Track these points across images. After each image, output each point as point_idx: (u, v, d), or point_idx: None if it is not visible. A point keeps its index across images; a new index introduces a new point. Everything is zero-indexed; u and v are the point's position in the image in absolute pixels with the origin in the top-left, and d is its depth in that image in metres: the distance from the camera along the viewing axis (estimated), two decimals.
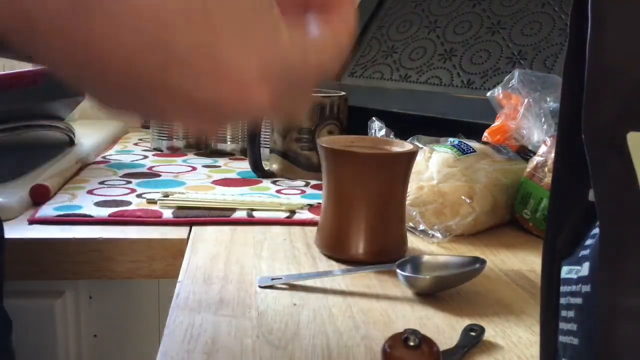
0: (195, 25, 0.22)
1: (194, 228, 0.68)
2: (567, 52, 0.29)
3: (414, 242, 0.65)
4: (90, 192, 0.79)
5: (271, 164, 0.93)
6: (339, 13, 0.27)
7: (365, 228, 0.58)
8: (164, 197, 0.75)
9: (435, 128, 0.89)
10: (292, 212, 0.73)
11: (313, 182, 0.88)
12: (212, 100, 0.24)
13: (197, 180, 0.88)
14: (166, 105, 0.25)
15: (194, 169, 0.96)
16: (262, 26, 0.24)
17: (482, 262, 0.53)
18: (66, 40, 0.22)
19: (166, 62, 0.22)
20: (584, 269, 0.27)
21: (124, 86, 0.24)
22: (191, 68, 0.23)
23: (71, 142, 1.00)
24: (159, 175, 0.91)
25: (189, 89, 0.23)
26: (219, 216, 0.71)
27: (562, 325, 0.29)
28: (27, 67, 1.20)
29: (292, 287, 0.52)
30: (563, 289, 0.29)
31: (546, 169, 0.69)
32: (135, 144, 1.16)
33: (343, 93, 0.92)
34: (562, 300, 0.29)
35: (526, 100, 0.79)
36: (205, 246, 0.62)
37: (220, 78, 0.23)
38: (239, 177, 0.92)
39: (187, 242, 0.64)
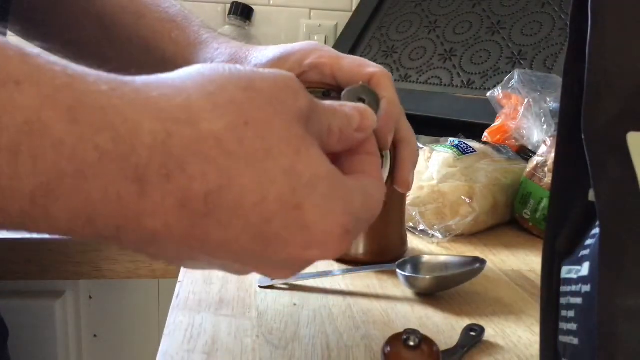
0: (288, 210, 0.26)
1: None
2: (567, 52, 0.29)
3: (414, 242, 0.65)
4: None
5: None
6: (369, 152, 0.33)
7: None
8: None
9: (435, 128, 0.89)
10: None
11: None
12: (293, 260, 0.28)
13: None
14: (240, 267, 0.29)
15: None
16: (340, 194, 0.28)
17: (482, 262, 0.53)
18: (179, 243, 0.26)
19: (263, 245, 0.27)
20: (584, 269, 0.27)
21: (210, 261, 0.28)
22: (284, 242, 0.27)
23: None
24: None
25: (275, 257, 0.27)
26: None
27: (562, 325, 0.29)
28: None
29: (292, 287, 0.52)
30: (563, 289, 0.29)
31: (546, 169, 0.69)
32: None
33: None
34: (562, 300, 0.29)
35: (526, 100, 0.79)
36: None
37: (309, 243, 0.27)
38: None
39: None
